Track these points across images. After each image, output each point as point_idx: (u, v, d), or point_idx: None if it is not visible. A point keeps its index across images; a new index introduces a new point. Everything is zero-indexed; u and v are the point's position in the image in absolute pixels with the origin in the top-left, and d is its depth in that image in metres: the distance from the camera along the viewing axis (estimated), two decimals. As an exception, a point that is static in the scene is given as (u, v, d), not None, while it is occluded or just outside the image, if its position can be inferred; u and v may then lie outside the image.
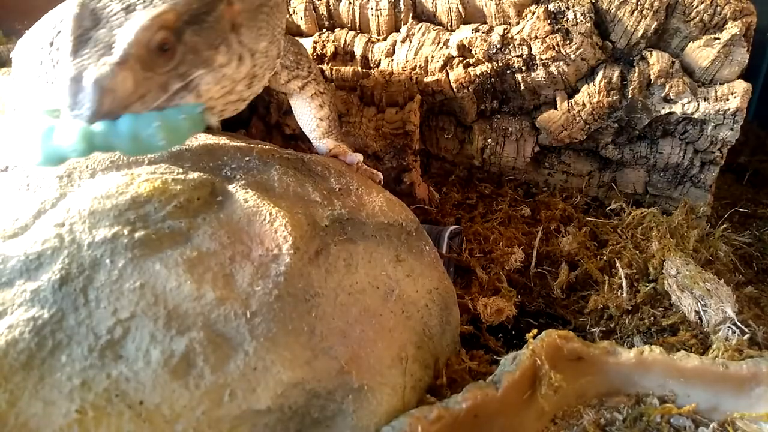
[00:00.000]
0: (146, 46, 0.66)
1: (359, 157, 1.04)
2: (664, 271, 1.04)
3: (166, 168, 0.80)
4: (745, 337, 0.90)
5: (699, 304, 0.97)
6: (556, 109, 1.23)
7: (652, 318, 1.00)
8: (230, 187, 0.82)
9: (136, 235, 0.70)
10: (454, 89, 1.24)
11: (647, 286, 1.04)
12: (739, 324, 0.91)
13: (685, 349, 0.86)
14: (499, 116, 1.29)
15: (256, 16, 0.82)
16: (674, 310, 1.01)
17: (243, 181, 0.84)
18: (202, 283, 0.69)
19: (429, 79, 1.25)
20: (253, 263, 0.74)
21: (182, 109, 0.70)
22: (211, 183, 0.81)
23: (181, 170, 0.81)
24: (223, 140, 0.93)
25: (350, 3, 1.32)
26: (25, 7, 1.17)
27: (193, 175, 0.80)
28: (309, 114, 1.06)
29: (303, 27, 1.37)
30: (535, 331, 0.81)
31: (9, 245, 0.68)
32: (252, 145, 0.93)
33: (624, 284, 1.05)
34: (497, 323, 1.03)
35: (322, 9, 1.34)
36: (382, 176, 1.06)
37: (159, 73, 0.68)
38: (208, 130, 0.91)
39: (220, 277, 0.70)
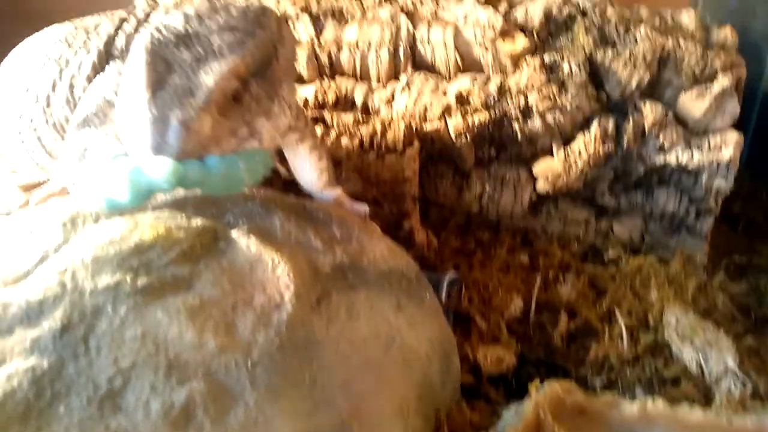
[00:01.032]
0: (224, 93, 0.71)
1: (365, 208, 1.05)
2: (664, 321, 1.04)
3: (169, 214, 0.80)
4: (747, 388, 0.90)
5: (700, 355, 0.97)
6: (552, 157, 1.25)
7: (654, 369, 1.00)
8: (233, 234, 0.82)
9: (139, 282, 0.69)
10: (453, 137, 1.26)
11: (647, 336, 1.04)
12: (741, 376, 0.91)
13: (687, 402, 0.85)
14: (496, 164, 1.30)
15: (290, 72, 0.89)
16: (675, 360, 1.01)
17: (245, 228, 0.84)
18: (203, 331, 0.68)
19: (428, 126, 1.27)
20: (255, 311, 0.73)
21: (255, 153, 0.75)
22: (213, 229, 0.81)
23: (184, 216, 0.81)
24: (225, 186, 0.93)
25: (351, 52, 1.35)
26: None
27: (197, 221, 0.80)
28: (309, 167, 1.07)
29: (305, 75, 1.39)
30: (537, 382, 0.81)
31: (10, 292, 0.67)
32: (254, 191, 0.93)
33: (624, 334, 1.04)
34: (497, 373, 1.03)
35: (324, 58, 1.37)
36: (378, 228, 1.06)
37: (230, 119, 0.72)
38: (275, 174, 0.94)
39: (221, 326, 0.70)
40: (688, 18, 1.32)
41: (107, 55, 1.01)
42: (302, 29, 1.37)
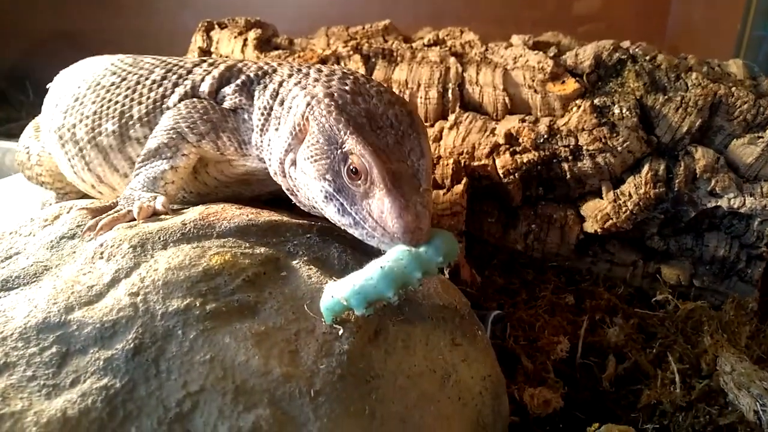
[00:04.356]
0: (432, 171, 0.81)
1: None
2: (718, 368, 1.02)
3: (234, 242, 0.82)
4: (809, 440, 0.87)
5: (757, 403, 0.94)
6: (601, 198, 1.25)
7: (708, 416, 0.97)
8: (293, 263, 0.83)
9: (208, 307, 0.71)
10: (501, 175, 1.27)
11: (701, 383, 1.02)
12: (803, 427, 0.88)
13: (748, 452, 0.83)
14: (544, 203, 1.31)
15: None
16: (731, 409, 0.98)
17: (305, 258, 0.85)
18: (269, 358, 0.69)
19: (476, 164, 1.29)
20: (317, 340, 0.74)
21: None
22: (276, 258, 0.82)
23: (248, 245, 0.83)
24: (285, 217, 0.95)
25: (400, 91, 1.38)
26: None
27: (260, 249, 0.82)
28: None
29: (354, 111, 1.43)
30: (596, 425, 0.79)
31: (84, 312, 0.69)
32: (312, 223, 0.95)
33: (677, 379, 1.02)
34: (544, 415, 1.01)
35: (374, 95, 1.41)
36: None
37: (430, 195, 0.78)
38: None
39: (286, 353, 0.71)
40: (735, 67, 1.33)
41: (161, 104, 1.03)
42: (353, 69, 1.41)
